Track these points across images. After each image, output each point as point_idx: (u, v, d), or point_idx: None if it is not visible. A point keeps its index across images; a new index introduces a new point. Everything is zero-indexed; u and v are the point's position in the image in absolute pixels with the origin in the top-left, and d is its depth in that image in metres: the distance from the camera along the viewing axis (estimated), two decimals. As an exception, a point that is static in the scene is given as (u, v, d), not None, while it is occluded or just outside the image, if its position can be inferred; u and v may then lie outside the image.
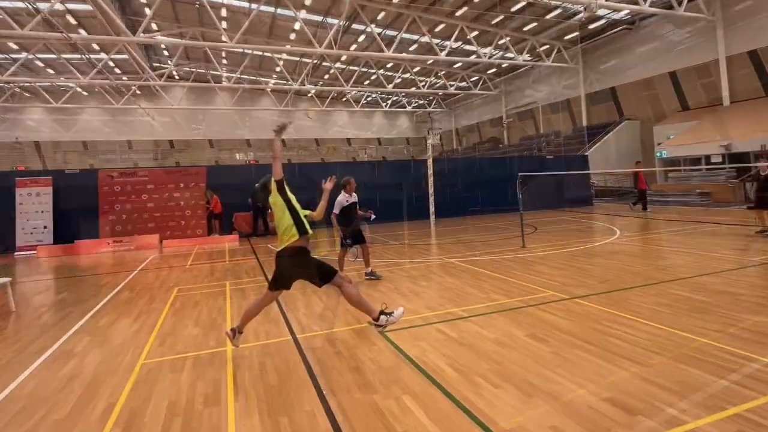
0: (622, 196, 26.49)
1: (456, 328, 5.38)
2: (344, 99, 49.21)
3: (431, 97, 50.03)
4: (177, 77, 41.44)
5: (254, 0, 25.59)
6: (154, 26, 28.35)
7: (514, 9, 26.69)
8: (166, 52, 36.73)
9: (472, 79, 40.99)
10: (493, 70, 40.19)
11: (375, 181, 19.64)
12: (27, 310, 7.47)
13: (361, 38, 32.27)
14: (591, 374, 3.94)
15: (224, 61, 38.88)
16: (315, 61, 35.07)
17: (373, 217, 8.58)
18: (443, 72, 39.00)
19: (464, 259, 9.99)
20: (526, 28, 29.84)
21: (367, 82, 44.52)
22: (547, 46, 31.72)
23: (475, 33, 29.12)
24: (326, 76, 42.90)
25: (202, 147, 46.21)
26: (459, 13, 27.19)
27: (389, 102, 49.38)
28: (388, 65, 38.55)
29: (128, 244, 15.62)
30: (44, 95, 33.92)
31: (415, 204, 19.88)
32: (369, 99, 49.66)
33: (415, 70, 38.71)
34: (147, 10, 24.77)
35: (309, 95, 46.24)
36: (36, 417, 3.82)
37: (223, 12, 27.20)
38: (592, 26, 29.84)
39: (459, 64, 38.00)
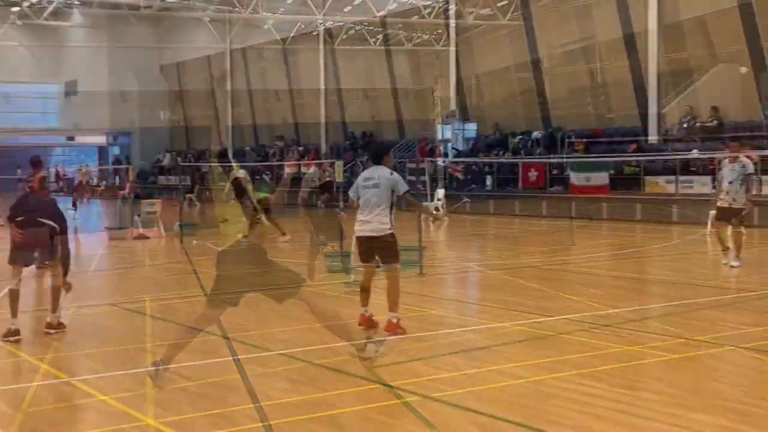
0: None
1: (476, 360, 5.39)
2: (314, 32, 48.82)
3: (439, 31, 49.83)
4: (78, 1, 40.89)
5: None
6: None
7: None
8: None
9: (499, 5, 40.87)
10: (529, -9, 40.02)
11: (359, 149, 19.57)
12: None
13: (340, -56, 32.01)
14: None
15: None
16: (272, -22, 34.76)
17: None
18: (458, -6, 38.79)
19: (487, 263, 9.98)
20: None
21: (347, 9, 44.20)
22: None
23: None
24: (289, 1, 42.53)
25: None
26: None
27: (379, 38, 49.10)
28: (379, -16, 38.28)
29: None
30: None
31: (418, 183, 19.85)
32: (350, 33, 49.35)
33: (418, -10, 38.47)
34: None
35: (265, 27, 45.87)
36: None
37: None
38: None
39: (480, -17, 37.79)
